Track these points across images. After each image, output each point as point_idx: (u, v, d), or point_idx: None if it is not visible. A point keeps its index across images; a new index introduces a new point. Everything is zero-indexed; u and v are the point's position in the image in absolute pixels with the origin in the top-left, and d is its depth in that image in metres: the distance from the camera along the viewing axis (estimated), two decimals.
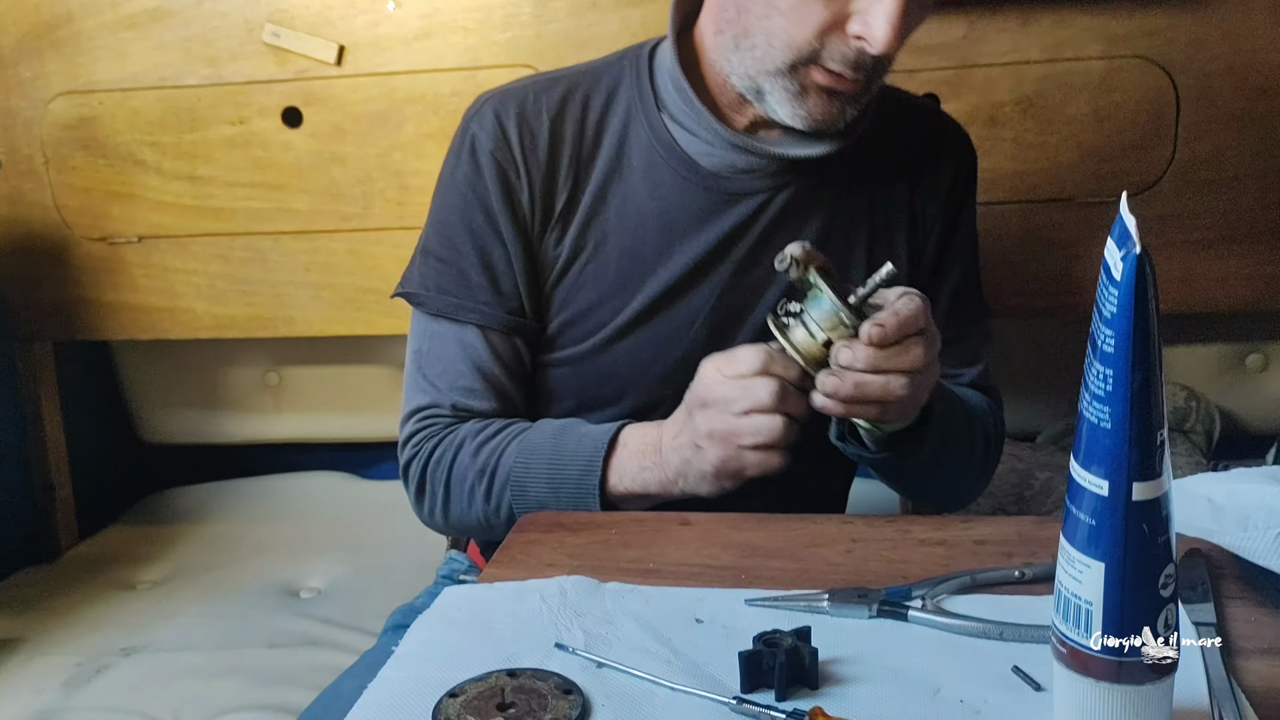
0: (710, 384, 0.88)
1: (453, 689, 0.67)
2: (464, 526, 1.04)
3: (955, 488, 1.07)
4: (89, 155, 1.64)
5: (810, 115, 0.95)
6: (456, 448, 1.01)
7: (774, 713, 0.62)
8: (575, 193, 1.03)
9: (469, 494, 1.00)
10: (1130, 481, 0.54)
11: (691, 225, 1.02)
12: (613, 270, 1.03)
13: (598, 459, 0.95)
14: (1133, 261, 0.51)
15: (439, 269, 1.05)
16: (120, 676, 1.37)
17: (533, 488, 0.97)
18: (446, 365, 1.04)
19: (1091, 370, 0.54)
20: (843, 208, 1.04)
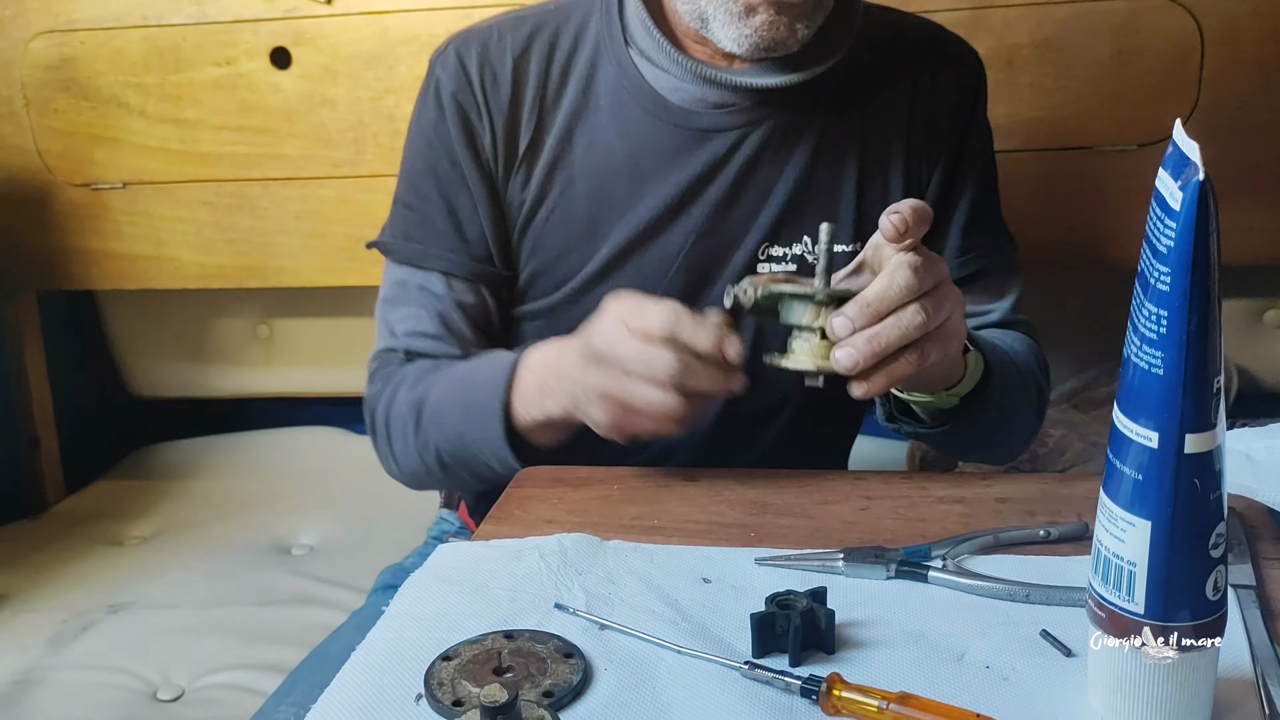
0: (609, 337, 0.78)
1: (446, 651, 0.63)
2: (411, 472, 1.00)
3: (1011, 445, 1.03)
4: (71, 97, 1.58)
5: (757, 34, 0.89)
6: (396, 385, 0.99)
7: (788, 679, 0.59)
8: (539, 134, 0.99)
9: (403, 429, 0.97)
10: (1183, 433, 0.50)
11: (661, 165, 0.97)
12: (581, 215, 0.98)
13: (500, 382, 0.88)
14: (1194, 189, 0.46)
15: (406, 216, 1.03)
16: (107, 633, 1.33)
17: (449, 415, 0.93)
18: (407, 310, 1.02)
19: (1142, 311, 0.50)
20: (827, 141, 0.98)
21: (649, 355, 0.75)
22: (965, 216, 1.02)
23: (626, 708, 0.58)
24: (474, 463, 0.93)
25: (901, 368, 0.74)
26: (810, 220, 0.97)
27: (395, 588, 0.72)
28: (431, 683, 0.60)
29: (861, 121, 1.00)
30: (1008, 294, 1.04)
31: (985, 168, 1.05)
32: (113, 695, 1.22)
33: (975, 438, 0.93)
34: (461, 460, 0.94)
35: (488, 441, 0.89)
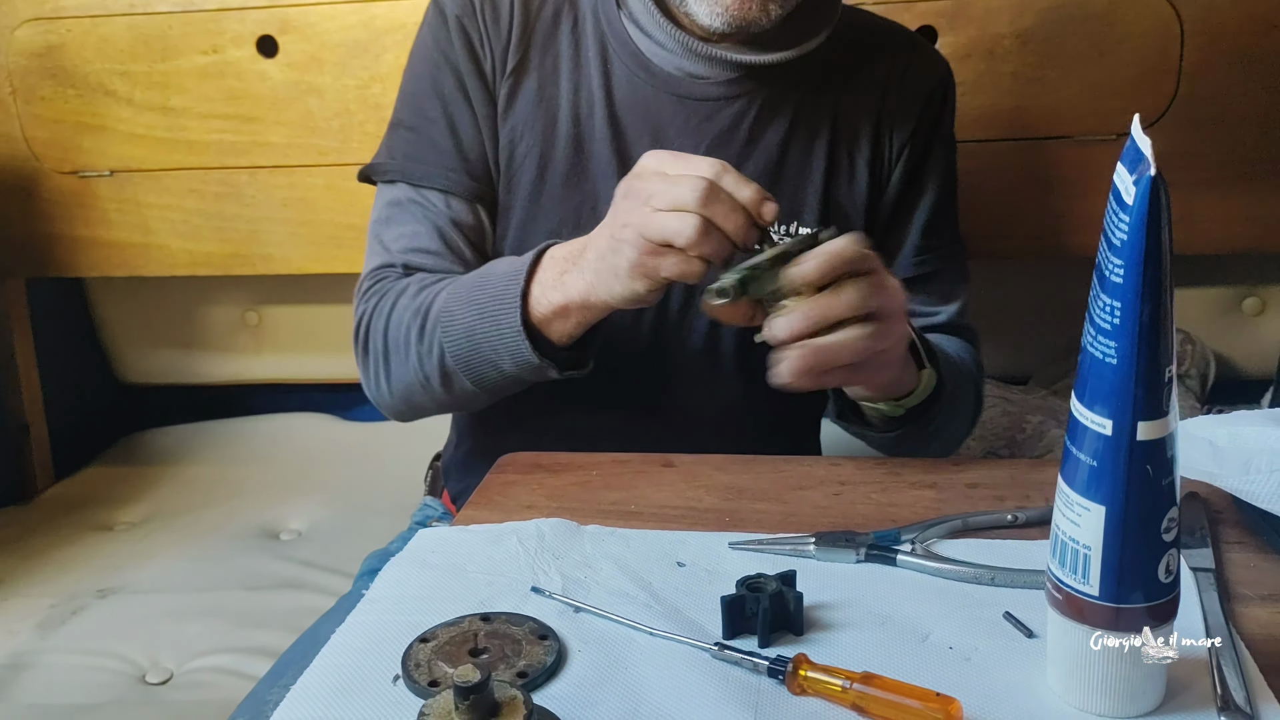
0: (641, 173, 0.80)
1: (424, 634, 0.65)
2: (406, 387, 0.98)
3: (946, 446, 1.05)
4: (57, 85, 1.58)
5: (729, 11, 0.92)
6: (398, 294, 0.97)
7: (756, 659, 0.60)
8: (522, 69, 1.00)
9: (405, 337, 0.95)
10: (1135, 420, 0.51)
11: (637, 125, 0.99)
12: (561, 159, 1.00)
13: (522, 270, 0.87)
14: (1146, 184, 0.48)
15: (406, 138, 1.03)
16: (96, 618, 1.34)
17: (460, 313, 0.90)
18: (405, 228, 1.02)
19: (1097, 302, 0.51)
20: (800, 125, 1.01)
21: (677, 184, 0.76)
22: (925, 217, 1.05)
23: (598, 687, 0.60)
24: (481, 363, 0.91)
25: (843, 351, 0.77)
26: (779, 200, 0.99)
27: (379, 572, 0.74)
28: (409, 664, 0.62)
29: (834, 111, 1.02)
30: (956, 298, 1.07)
31: (947, 173, 1.07)
32: (102, 678, 1.23)
33: (913, 442, 0.96)
34: (468, 363, 0.91)
35: (501, 334, 0.88)
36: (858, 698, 0.56)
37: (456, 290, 0.92)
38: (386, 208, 1.03)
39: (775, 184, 1.00)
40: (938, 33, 1.40)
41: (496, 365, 0.90)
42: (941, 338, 1.03)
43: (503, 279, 0.88)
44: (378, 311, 0.98)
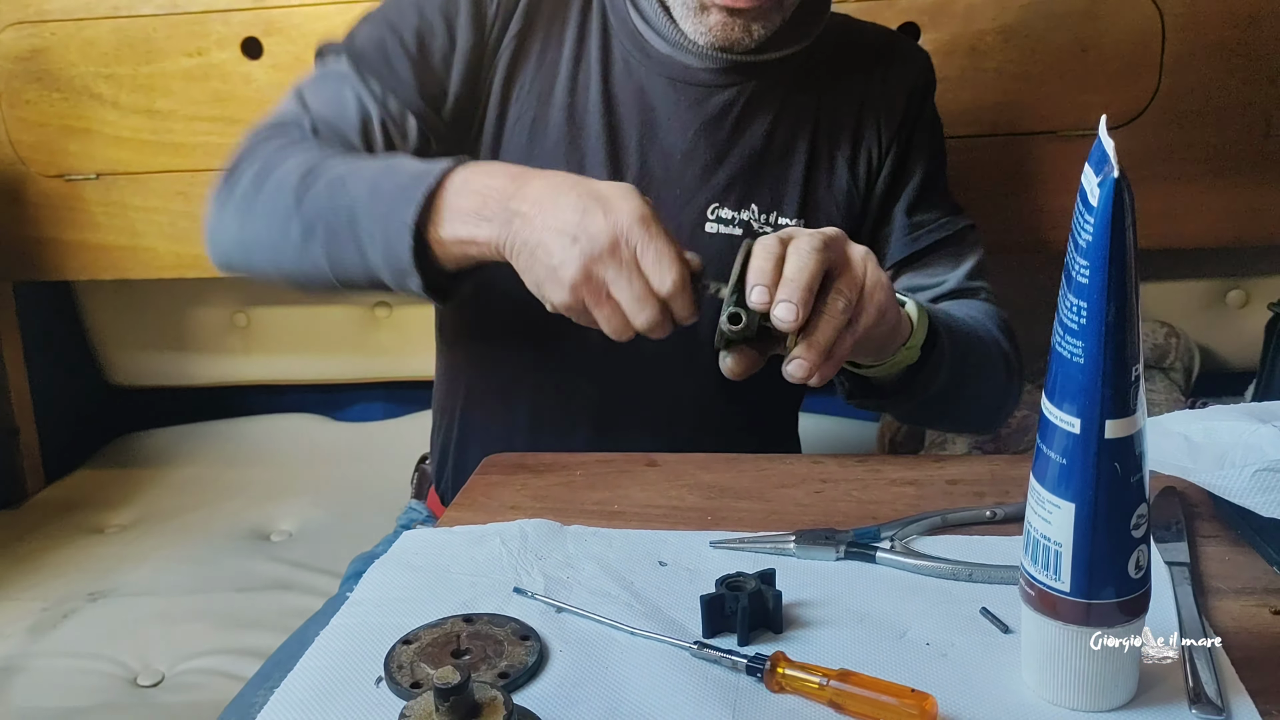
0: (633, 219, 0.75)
1: (406, 635, 0.65)
2: (256, 234, 0.91)
3: (984, 412, 1.04)
4: (43, 88, 1.58)
5: (712, 32, 0.94)
6: (297, 144, 0.93)
7: (735, 658, 0.61)
8: (529, 32, 1.00)
9: (276, 187, 0.89)
10: (1103, 419, 0.52)
11: (629, 101, 1.00)
12: (555, 125, 1.00)
13: (433, 175, 0.81)
14: (1110, 186, 0.48)
15: (368, 29, 1.00)
16: (87, 621, 1.35)
17: (353, 185, 0.85)
18: (331, 95, 0.98)
19: (1065, 303, 0.52)
20: (784, 120, 1.02)
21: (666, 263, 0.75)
22: (911, 198, 1.06)
23: (579, 686, 0.60)
24: (348, 242, 0.85)
25: (842, 348, 0.76)
26: (761, 190, 1.01)
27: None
28: (391, 666, 0.62)
29: (816, 109, 1.04)
30: (964, 263, 1.06)
31: (932, 153, 1.09)
32: (93, 681, 1.24)
33: (938, 403, 0.93)
34: (336, 240, 0.85)
35: (388, 227, 0.82)
36: (835, 695, 0.57)
37: (360, 166, 0.87)
38: (319, 71, 1.00)
39: (758, 173, 1.01)
40: (920, 29, 1.41)
41: (363, 251, 0.84)
42: (950, 304, 1.03)
43: (411, 175, 0.83)
44: (267, 148, 0.93)
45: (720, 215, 1.01)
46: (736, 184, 1.01)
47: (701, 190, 1.01)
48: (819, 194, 1.03)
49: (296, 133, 0.96)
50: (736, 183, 1.01)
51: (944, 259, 1.06)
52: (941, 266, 1.06)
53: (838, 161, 1.04)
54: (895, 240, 1.06)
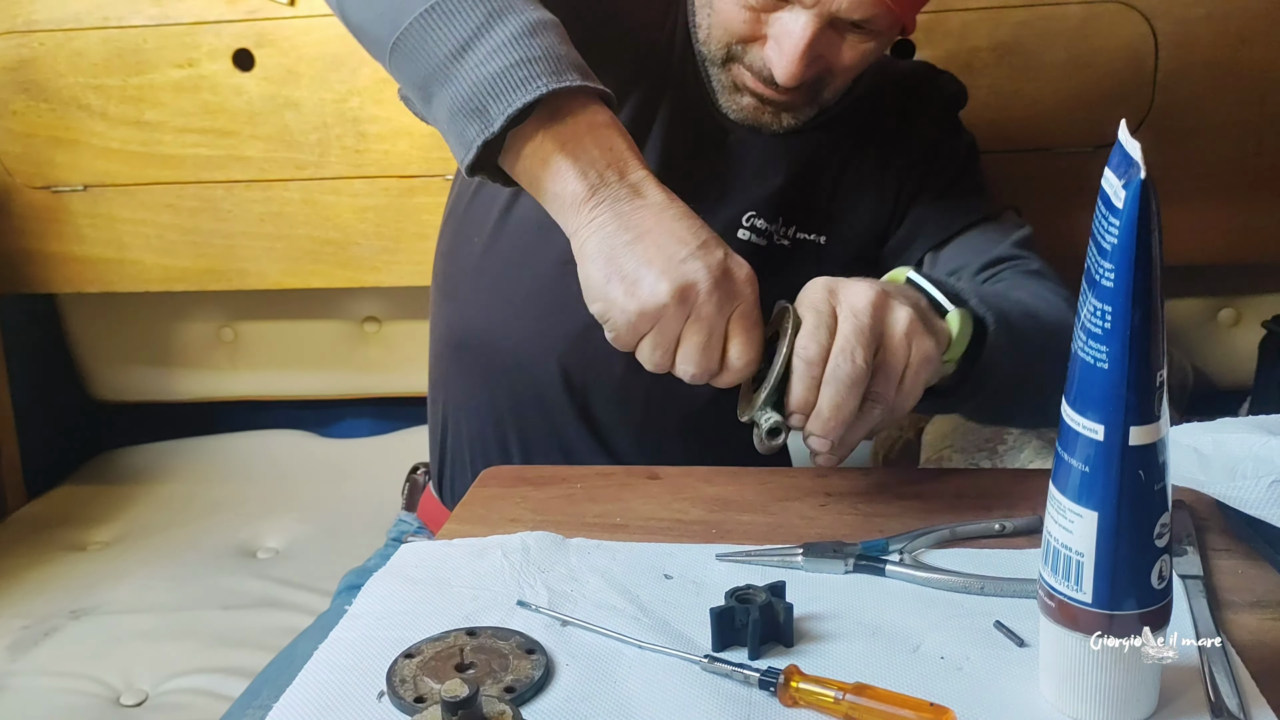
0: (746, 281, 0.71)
1: (409, 649, 0.63)
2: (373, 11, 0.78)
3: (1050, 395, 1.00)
4: (30, 99, 1.57)
5: (743, 111, 0.97)
6: None
7: (747, 671, 0.59)
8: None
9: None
10: (1127, 425, 0.51)
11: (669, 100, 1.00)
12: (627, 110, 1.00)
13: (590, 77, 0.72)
14: (1136, 187, 0.47)
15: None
16: (69, 639, 1.32)
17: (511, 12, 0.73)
18: None
19: (1087, 307, 0.51)
20: (823, 141, 1.03)
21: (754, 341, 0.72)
22: (940, 189, 1.06)
23: (587, 701, 0.59)
24: (443, 38, 0.72)
25: (880, 428, 0.75)
26: (787, 204, 1.02)
27: (359, 589, 0.72)
28: (394, 680, 0.61)
29: (855, 130, 1.05)
30: (1011, 234, 1.05)
31: (960, 157, 1.09)
32: (75, 701, 1.21)
33: (1002, 394, 0.86)
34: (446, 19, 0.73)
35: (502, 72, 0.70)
36: (851, 709, 0.56)
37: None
38: None
39: (786, 188, 1.02)
40: (915, 46, 1.41)
41: (465, 54, 0.71)
42: (1007, 283, 0.99)
43: (573, 61, 0.73)
44: None
45: (755, 225, 1.01)
46: (772, 197, 1.01)
47: (742, 198, 1.01)
48: (844, 213, 1.05)
49: None
50: (772, 195, 1.01)
51: (987, 232, 1.05)
52: (984, 240, 1.04)
53: (866, 187, 1.05)
54: (933, 225, 1.05)
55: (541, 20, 0.74)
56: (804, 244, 1.03)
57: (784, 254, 1.02)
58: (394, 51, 0.75)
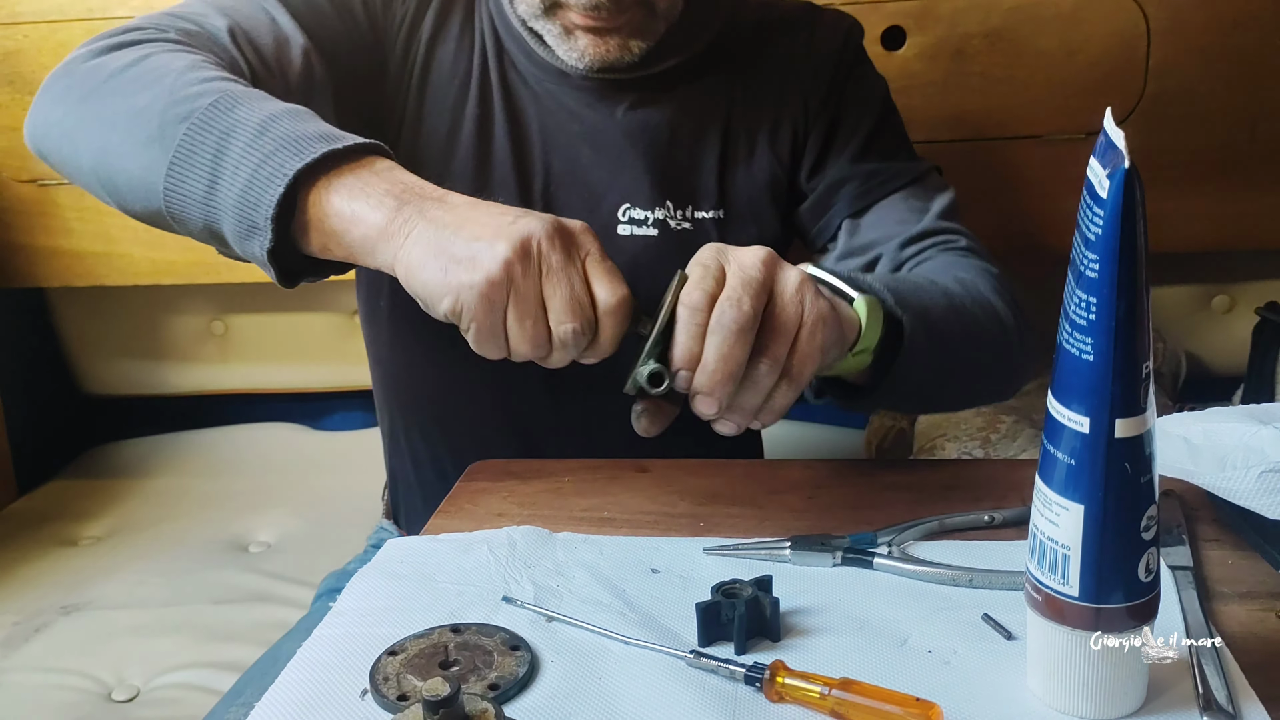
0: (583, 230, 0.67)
1: (392, 646, 0.63)
2: (101, 112, 0.77)
3: (988, 383, 0.95)
4: (15, 91, 1.55)
5: (585, 55, 0.92)
6: (200, 48, 0.81)
7: (733, 667, 0.59)
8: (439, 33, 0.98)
9: (164, 65, 0.76)
10: (1113, 418, 0.50)
11: (529, 108, 0.98)
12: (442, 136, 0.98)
13: (343, 142, 0.69)
14: (1120, 177, 0.47)
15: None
16: (60, 635, 1.31)
17: (249, 107, 0.72)
18: (246, 10, 0.88)
19: (1072, 299, 0.50)
20: (692, 108, 0.99)
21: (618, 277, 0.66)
22: (857, 151, 1.01)
23: (572, 698, 0.58)
24: (198, 172, 0.71)
25: (782, 399, 0.68)
26: (669, 187, 0.98)
27: (339, 591, 0.72)
28: (377, 678, 0.60)
29: (728, 97, 1.00)
30: (933, 203, 1.00)
31: (873, 107, 1.03)
32: (67, 697, 1.21)
33: (925, 388, 0.84)
34: (190, 154, 0.71)
35: (262, 166, 0.68)
36: (836, 704, 0.55)
37: (269, 99, 0.74)
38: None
39: (665, 170, 0.98)
40: (906, 33, 1.40)
41: (216, 180, 0.70)
42: (933, 264, 0.95)
43: (324, 132, 0.71)
44: (156, 32, 0.82)
45: (632, 216, 0.98)
46: (645, 182, 0.98)
47: (610, 192, 0.98)
48: (740, 181, 1.00)
49: (205, 39, 0.84)
50: (644, 181, 0.98)
51: (909, 201, 1.00)
52: (906, 210, 0.99)
53: (759, 142, 1.00)
54: (848, 194, 1.00)
55: (272, 114, 0.72)
56: (705, 223, 0.99)
57: (687, 238, 0.98)
58: (172, 218, 0.74)
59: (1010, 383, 0.97)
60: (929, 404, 0.91)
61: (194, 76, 0.75)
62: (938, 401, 0.94)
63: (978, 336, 0.87)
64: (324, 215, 0.68)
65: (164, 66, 0.77)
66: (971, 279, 0.91)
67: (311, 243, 0.70)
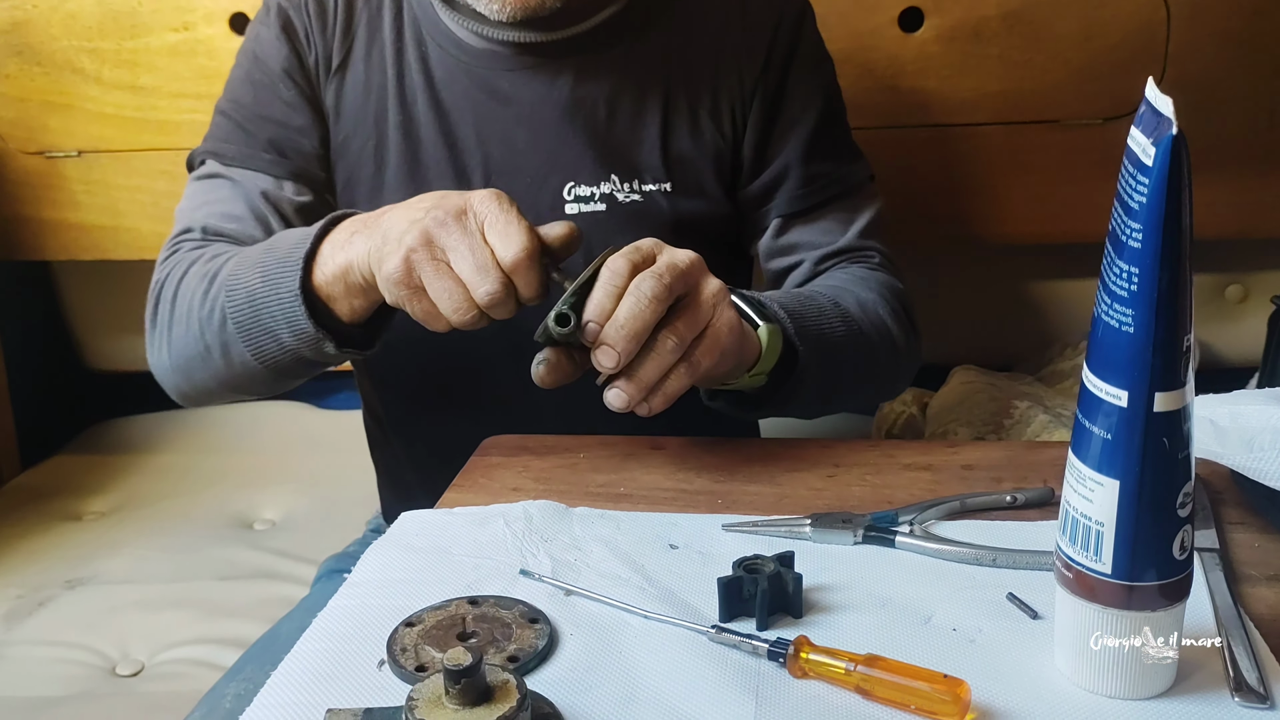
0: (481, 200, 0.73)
1: (409, 618, 0.62)
2: (187, 359, 0.91)
3: (872, 393, 1.03)
4: (23, 62, 1.54)
5: (507, 6, 0.91)
6: (192, 261, 0.92)
7: (756, 642, 0.58)
8: (349, 56, 0.99)
9: (190, 303, 0.89)
10: (1152, 391, 0.49)
11: (459, 102, 0.98)
12: (393, 147, 0.99)
13: (310, 235, 0.82)
14: (1168, 144, 0.46)
15: (220, 123, 1.02)
16: (64, 609, 1.31)
17: (245, 276, 0.84)
18: (209, 196, 0.99)
19: (1113, 270, 0.49)
20: (629, 81, 0.98)
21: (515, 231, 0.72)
22: (804, 146, 1.01)
23: (592, 671, 0.58)
24: (260, 332, 0.84)
25: (676, 383, 0.73)
26: (617, 159, 0.98)
27: (339, 573, 0.71)
28: (394, 648, 0.60)
29: (666, 62, 0.99)
30: (857, 219, 1.02)
31: (822, 97, 1.03)
32: (71, 670, 1.20)
33: (815, 400, 0.89)
34: (248, 331, 0.84)
35: (280, 299, 0.81)
36: (862, 680, 0.54)
37: (246, 255, 0.87)
38: (191, 184, 1.02)
39: (607, 143, 0.97)
40: (924, 14, 1.39)
41: (275, 334, 0.83)
42: (846, 275, 0.99)
43: (291, 244, 0.83)
44: (169, 279, 0.93)
45: (578, 194, 0.97)
46: (587, 158, 0.97)
47: (553, 173, 0.97)
48: (684, 152, 0.99)
49: (189, 251, 0.95)
50: (587, 157, 0.97)
51: (837, 214, 1.02)
52: (834, 222, 1.02)
53: (700, 115, 0.99)
54: (787, 192, 1.01)
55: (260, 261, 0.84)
56: (654, 195, 0.98)
57: (636, 210, 0.97)
58: (285, 376, 0.90)
59: (894, 393, 1.11)
60: (812, 414, 0.97)
61: (204, 286, 0.88)
62: (821, 412, 0.98)
63: (869, 359, 0.93)
64: (333, 293, 0.81)
65: (188, 299, 0.90)
66: (873, 300, 0.96)
67: (351, 315, 0.82)
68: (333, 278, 0.80)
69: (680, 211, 0.98)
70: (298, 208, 0.99)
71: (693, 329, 0.73)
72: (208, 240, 0.96)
